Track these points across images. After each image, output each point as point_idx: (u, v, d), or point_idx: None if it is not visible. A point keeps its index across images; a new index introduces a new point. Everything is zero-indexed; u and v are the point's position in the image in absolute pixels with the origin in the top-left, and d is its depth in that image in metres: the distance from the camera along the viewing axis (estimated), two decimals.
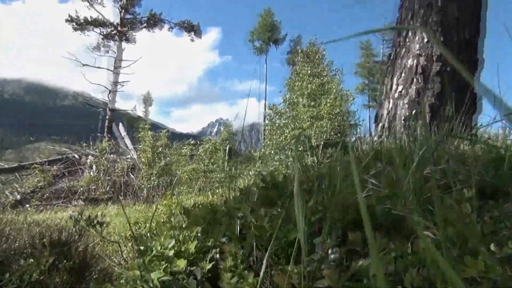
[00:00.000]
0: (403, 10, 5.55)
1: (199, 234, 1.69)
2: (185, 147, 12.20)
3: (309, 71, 17.42)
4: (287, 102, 17.72)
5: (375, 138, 5.59)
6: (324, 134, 13.79)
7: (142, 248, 1.59)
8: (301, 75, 17.81)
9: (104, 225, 2.94)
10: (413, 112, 5.11)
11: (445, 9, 5.01)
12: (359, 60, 49.20)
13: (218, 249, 1.57)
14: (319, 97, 15.74)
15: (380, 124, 5.56)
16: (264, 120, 48.81)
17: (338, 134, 15.05)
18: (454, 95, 5.02)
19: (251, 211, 1.63)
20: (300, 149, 13.85)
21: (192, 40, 31.49)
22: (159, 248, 1.57)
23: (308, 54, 19.03)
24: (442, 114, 5.05)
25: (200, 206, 2.12)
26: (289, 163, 14.20)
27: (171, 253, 1.53)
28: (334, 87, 16.43)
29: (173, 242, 1.58)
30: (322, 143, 13.39)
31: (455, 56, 5.02)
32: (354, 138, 18.77)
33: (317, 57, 18.71)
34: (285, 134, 15.77)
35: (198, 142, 13.93)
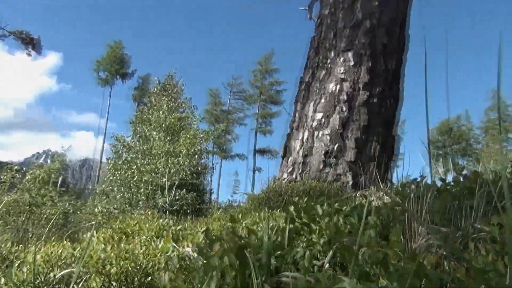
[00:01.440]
0: (323, 28, 4.74)
1: None
2: (5, 173, 8.85)
3: (165, 104, 15.89)
4: (138, 135, 15.61)
5: (284, 176, 4.40)
6: (180, 172, 12.23)
7: None
8: (156, 107, 16.10)
9: None
10: (336, 146, 4.14)
11: (374, 32, 4.37)
12: (207, 106, 49.86)
13: None
14: (177, 132, 14.23)
15: (291, 158, 4.42)
16: (101, 156, 43.79)
17: (194, 174, 13.74)
18: (380, 131, 4.29)
19: None
20: (150, 188, 11.54)
21: (29, 55, 26.31)
22: None
23: (166, 86, 17.57)
24: (368, 152, 4.24)
25: None
26: (136, 202, 11.99)
27: None
28: (194, 123, 15.23)
29: None
30: (176, 183, 11.46)
31: (382, 87, 4.35)
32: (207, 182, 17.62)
33: (175, 90, 17.39)
34: (133, 170, 13.57)
35: (25, 168, 10.56)
